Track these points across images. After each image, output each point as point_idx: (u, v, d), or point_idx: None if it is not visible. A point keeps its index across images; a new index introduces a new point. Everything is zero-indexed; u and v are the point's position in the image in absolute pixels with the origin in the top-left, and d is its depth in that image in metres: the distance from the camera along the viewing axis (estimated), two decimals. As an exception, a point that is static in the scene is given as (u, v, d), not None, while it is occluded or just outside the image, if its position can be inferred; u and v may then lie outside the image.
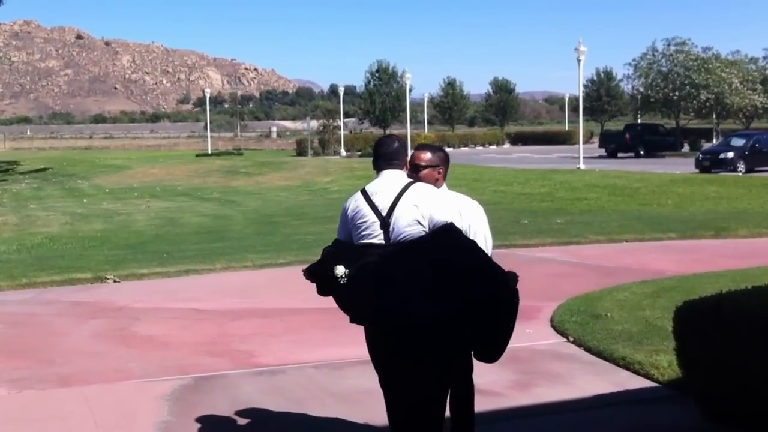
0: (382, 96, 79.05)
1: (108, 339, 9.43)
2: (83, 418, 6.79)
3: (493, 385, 7.03)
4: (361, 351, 8.54)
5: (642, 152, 54.84)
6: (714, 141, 55.00)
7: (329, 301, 11.05)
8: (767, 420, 5.77)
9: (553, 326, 9.39)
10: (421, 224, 4.77)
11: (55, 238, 20.99)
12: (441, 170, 5.28)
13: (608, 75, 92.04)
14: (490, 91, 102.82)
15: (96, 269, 13.92)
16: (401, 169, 5.09)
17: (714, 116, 61.64)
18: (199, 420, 6.65)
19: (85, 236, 21.32)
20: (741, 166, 38.44)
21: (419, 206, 4.78)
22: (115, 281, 13.08)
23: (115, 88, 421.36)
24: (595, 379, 7.58)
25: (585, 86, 68.48)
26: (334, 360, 8.29)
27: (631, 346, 8.23)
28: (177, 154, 73.86)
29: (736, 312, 5.94)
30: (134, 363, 8.42)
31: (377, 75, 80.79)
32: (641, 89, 62.06)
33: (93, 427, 6.57)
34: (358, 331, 5.20)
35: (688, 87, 57.85)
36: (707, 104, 58.29)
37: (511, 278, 4.93)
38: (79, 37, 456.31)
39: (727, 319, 5.98)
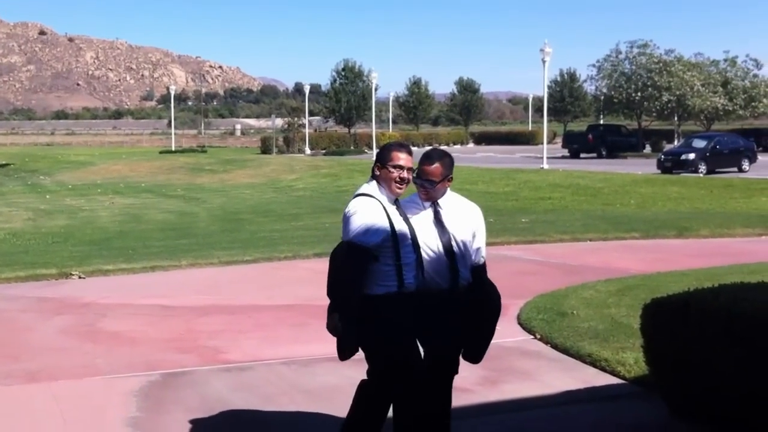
0: (347, 95, 78.99)
1: (74, 335, 9.32)
2: (51, 414, 6.71)
3: (463, 382, 7.02)
4: (328, 348, 8.58)
5: (604, 153, 55.25)
6: (675, 142, 55.50)
7: (295, 298, 11.05)
8: (733, 416, 5.83)
9: (520, 323, 9.43)
10: None
11: (18, 234, 20.74)
12: (451, 178, 5.35)
13: (572, 76, 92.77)
14: (455, 90, 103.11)
15: (61, 265, 13.77)
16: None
17: (675, 118, 62.19)
18: (167, 416, 6.60)
19: (48, 232, 21.10)
20: (702, 168, 38.78)
21: None
22: (80, 277, 12.95)
23: (78, 85, 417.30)
24: (562, 376, 7.61)
25: (549, 87, 68.75)
26: (302, 356, 8.26)
27: (597, 344, 8.28)
28: (140, 150, 73.33)
29: (703, 310, 5.99)
30: (101, 359, 8.33)
31: (343, 74, 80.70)
32: (604, 90, 62.54)
33: (61, 423, 6.49)
34: (324, 328, 5.20)
35: (650, 88, 58.31)
36: (669, 106, 58.79)
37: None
38: (42, 32, 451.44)
39: (694, 317, 6.03)
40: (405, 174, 5.12)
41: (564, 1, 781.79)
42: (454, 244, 5.21)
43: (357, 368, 7.82)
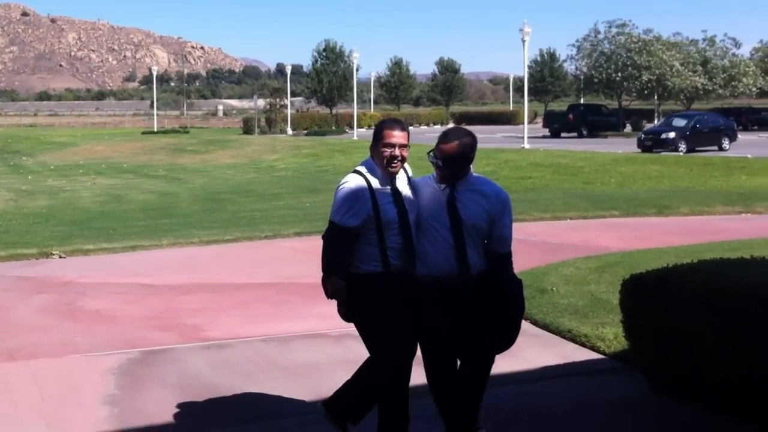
0: (329, 75, 78.70)
1: (54, 313, 9.24)
2: (30, 391, 6.65)
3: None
4: (308, 325, 8.58)
5: (585, 132, 55.28)
6: (656, 121, 55.61)
7: (275, 276, 10.99)
8: (711, 390, 5.81)
9: (499, 300, 9.37)
10: None
11: (0, 215, 20.55)
12: (472, 158, 5.16)
13: (552, 56, 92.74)
14: (436, 71, 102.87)
15: (41, 245, 13.65)
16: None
17: (655, 97, 62.27)
18: (145, 393, 6.54)
19: (30, 212, 20.94)
20: (682, 146, 38.90)
21: None
22: (60, 257, 12.83)
23: (61, 66, 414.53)
24: (542, 352, 7.58)
25: (529, 67, 68.72)
26: (281, 334, 8.21)
27: (577, 320, 8.26)
28: (123, 131, 72.88)
29: (682, 285, 5.96)
30: (81, 337, 8.25)
31: (324, 54, 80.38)
32: (584, 70, 62.52)
33: (39, 401, 6.43)
34: (304, 306, 5.15)
35: (630, 68, 58.31)
36: (649, 85, 58.81)
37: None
38: (24, 14, 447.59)
39: (674, 292, 6.01)
40: (397, 152, 4.89)
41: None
42: (465, 229, 4.89)
43: (335, 345, 7.83)
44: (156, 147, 50.04)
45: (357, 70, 67.14)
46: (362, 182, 4.91)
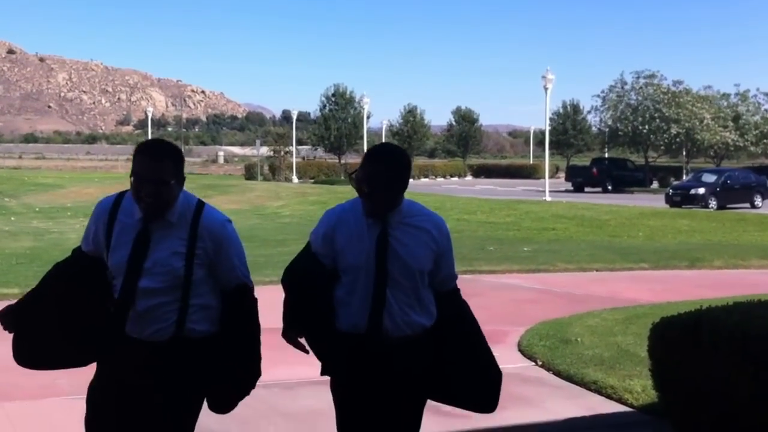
0: (338, 122, 78.61)
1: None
2: (5, 432, 6.59)
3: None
4: (312, 371, 8.49)
5: (609, 187, 55.44)
6: (684, 178, 55.77)
7: (275, 322, 10.91)
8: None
9: (520, 350, 9.35)
10: None
11: (-20, 256, 20.53)
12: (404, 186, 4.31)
13: (575, 108, 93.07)
14: (452, 120, 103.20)
15: (24, 284, 13.53)
16: None
17: (684, 153, 62.51)
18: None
19: (12, 253, 20.89)
20: (713, 203, 39.03)
21: None
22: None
23: (49, 107, 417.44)
24: (565, 403, 7.52)
25: (551, 119, 69.14)
26: (283, 380, 8.14)
27: (603, 371, 8.21)
28: (115, 176, 73.15)
29: (715, 328, 5.91)
30: (63, 380, 8.16)
31: (333, 99, 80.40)
32: (609, 122, 62.84)
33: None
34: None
35: (657, 120, 58.65)
36: (677, 139, 59.10)
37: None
38: (10, 51, 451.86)
39: (706, 336, 5.94)
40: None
41: (567, 32, 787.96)
42: (401, 277, 4.08)
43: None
44: (150, 192, 50.12)
45: (368, 117, 67.51)
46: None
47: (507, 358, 8.93)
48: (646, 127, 58.97)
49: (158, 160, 4.00)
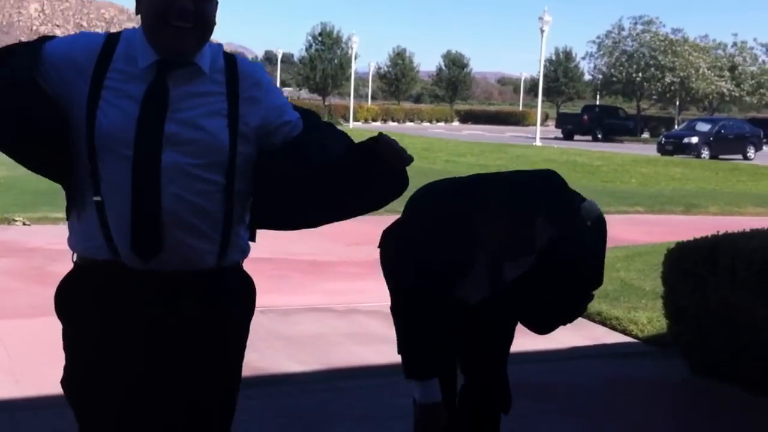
0: (324, 62, 77.50)
1: (21, 277, 9.14)
2: (-6, 350, 6.54)
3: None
4: (310, 299, 8.47)
5: (600, 135, 55.26)
6: (676, 127, 55.84)
7: (275, 251, 10.85)
8: (757, 371, 5.68)
9: (522, 284, 9.29)
10: None
11: (-49, 184, 20.30)
12: None
13: (567, 55, 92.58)
14: (442, 65, 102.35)
15: (2, 211, 13.45)
16: None
17: (677, 102, 62.47)
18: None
19: (-14, 182, 20.66)
20: (705, 152, 39.11)
21: None
22: (24, 224, 12.66)
23: (20, 41, 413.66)
24: (570, 333, 7.40)
25: (544, 65, 68.87)
26: (281, 306, 8.13)
27: (607, 303, 8.22)
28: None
29: (734, 252, 5.86)
30: (51, 301, 8.09)
31: (320, 39, 79.18)
32: (604, 69, 62.66)
33: (6, 359, 6.36)
34: (305, 281, 4.98)
35: (652, 68, 58.54)
36: (671, 88, 59.06)
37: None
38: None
39: (724, 261, 5.90)
40: None
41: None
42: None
43: (341, 319, 7.74)
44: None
45: (355, 58, 66.83)
46: None
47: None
48: (641, 74, 58.84)
49: None
